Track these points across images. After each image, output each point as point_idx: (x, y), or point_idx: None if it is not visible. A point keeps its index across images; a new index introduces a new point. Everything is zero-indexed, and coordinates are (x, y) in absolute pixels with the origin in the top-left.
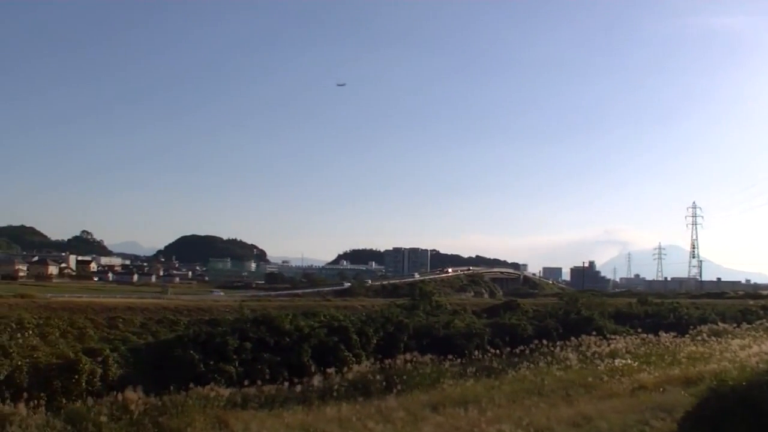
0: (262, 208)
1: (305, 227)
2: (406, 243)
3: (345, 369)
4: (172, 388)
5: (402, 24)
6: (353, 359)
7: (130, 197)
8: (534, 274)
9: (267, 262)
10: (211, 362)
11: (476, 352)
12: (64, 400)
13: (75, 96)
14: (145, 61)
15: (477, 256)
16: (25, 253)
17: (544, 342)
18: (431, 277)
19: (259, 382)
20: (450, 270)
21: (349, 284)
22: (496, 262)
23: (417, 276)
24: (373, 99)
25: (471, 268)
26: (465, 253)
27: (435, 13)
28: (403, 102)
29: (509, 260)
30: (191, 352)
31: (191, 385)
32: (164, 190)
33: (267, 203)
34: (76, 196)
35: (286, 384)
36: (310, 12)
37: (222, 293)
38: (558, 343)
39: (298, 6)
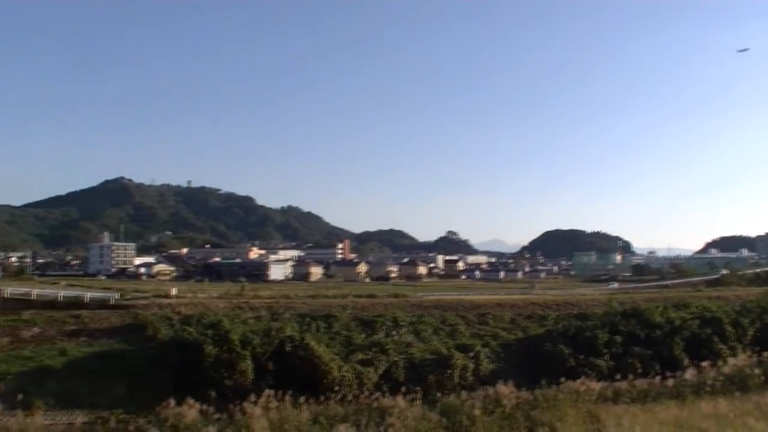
0: (625, 199)
1: (670, 216)
2: None
3: (720, 362)
4: (543, 382)
5: None
6: (728, 352)
7: (494, 197)
8: None
9: (632, 253)
10: (581, 356)
11: None
12: (438, 394)
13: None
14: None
15: None
16: (395, 255)
17: None
18: None
19: (630, 376)
20: None
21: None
22: None
23: None
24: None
25: None
26: None
27: None
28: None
29: None
30: (561, 346)
31: (562, 379)
32: (526, 187)
33: (630, 194)
34: (442, 199)
35: (658, 378)
36: None
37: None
38: None
39: None
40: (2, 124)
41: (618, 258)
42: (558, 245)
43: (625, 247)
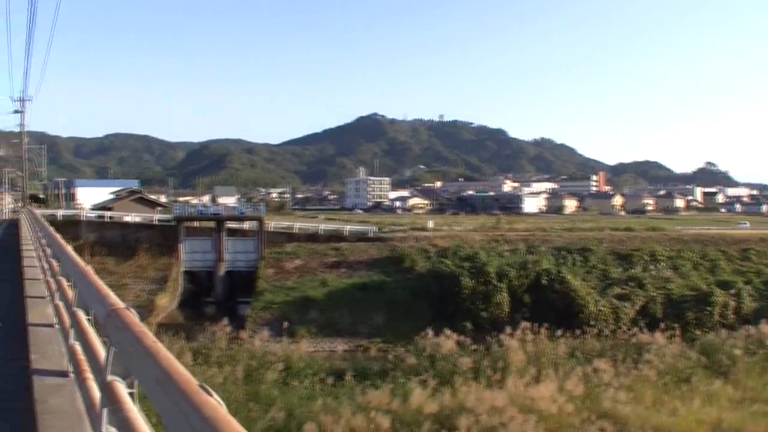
0: None
1: None
2: None
3: None
4: None
5: None
6: None
7: (756, 124)
8: None
9: None
10: None
11: None
12: (697, 332)
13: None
14: None
15: None
16: (651, 187)
17: None
18: None
19: None
20: None
21: None
22: None
23: None
24: None
25: None
26: None
27: None
28: None
29: None
30: None
31: None
32: None
33: None
34: (699, 129)
35: None
36: None
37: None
38: None
39: None
40: (255, 70)
41: None
42: None
43: None
